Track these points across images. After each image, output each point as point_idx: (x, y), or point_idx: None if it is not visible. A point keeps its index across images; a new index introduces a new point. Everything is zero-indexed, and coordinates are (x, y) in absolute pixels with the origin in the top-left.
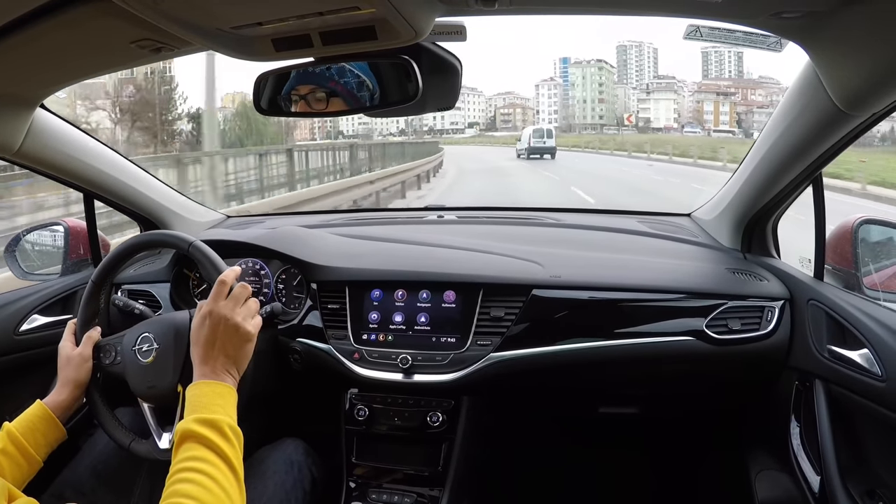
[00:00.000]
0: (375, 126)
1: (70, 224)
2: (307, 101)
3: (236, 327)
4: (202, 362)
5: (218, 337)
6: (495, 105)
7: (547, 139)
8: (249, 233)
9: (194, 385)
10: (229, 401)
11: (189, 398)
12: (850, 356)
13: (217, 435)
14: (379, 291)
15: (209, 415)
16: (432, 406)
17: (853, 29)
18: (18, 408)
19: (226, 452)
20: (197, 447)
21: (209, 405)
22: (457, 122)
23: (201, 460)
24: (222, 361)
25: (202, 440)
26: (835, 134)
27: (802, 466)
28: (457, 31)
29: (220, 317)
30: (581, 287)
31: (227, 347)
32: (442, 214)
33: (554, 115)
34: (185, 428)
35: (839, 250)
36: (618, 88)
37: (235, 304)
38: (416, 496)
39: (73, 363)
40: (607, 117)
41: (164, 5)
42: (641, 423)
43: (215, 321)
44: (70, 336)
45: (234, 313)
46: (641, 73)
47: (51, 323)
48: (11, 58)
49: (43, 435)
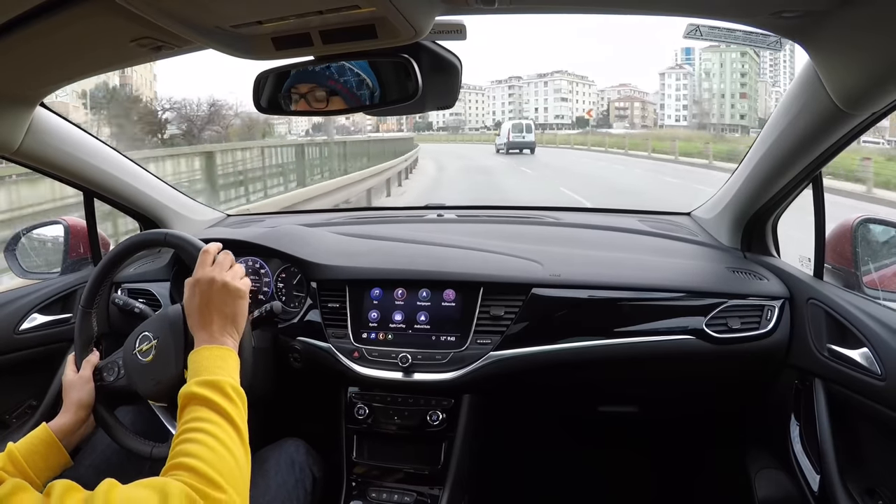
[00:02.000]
0: (467, 118)
1: (70, 222)
2: (307, 99)
3: (225, 285)
4: (200, 328)
5: (210, 299)
6: (608, 98)
7: (526, 134)
8: (249, 231)
9: (195, 351)
10: (230, 363)
11: (191, 364)
12: (849, 355)
13: (219, 395)
14: (379, 290)
15: (210, 376)
16: (432, 405)
17: (853, 28)
18: (18, 406)
19: (229, 412)
20: (199, 409)
21: (210, 367)
22: (562, 116)
23: (204, 420)
24: (219, 323)
25: (204, 401)
26: (834, 133)
27: (802, 465)
28: (457, 29)
29: (208, 280)
30: (581, 286)
31: (221, 308)
32: (442, 213)
33: (682, 112)
34: (187, 391)
35: (839, 249)
36: (759, 84)
37: (221, 268)
38: (416, 495)
39: (75, 387)
40: (749, 117)
41: (165, 3)
42: (641, 422)
43: (204, 286)
44: (71, 366)
45: (221, 275)
46: (776, 69)
47: (51, 322)
48: (11, 56)
49: (44, 458)
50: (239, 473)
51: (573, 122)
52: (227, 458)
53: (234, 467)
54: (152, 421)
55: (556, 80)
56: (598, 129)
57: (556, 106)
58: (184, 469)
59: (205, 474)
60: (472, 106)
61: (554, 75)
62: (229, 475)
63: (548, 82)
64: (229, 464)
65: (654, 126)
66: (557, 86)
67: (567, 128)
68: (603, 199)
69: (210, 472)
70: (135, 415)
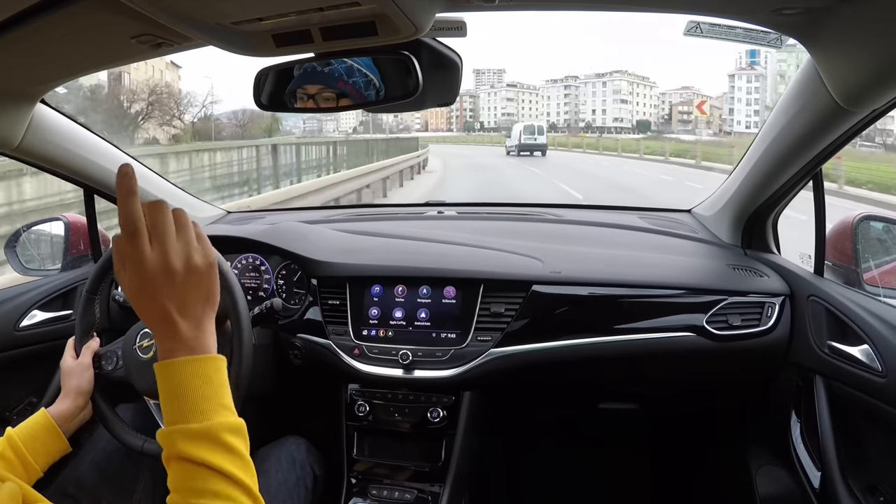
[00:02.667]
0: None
1: (70, 219)
2: (315, 100)
3: (189, 263)
4: (164, 334)
5: (184, 265)
6: (670, 101)
7: (538, 136)
8: (249, 228)
9: (165, 367)
10: (219, 381)
11: (165, 392)
12: (850, 352)
13: (212, 449)
14: (379, 287)
15: (197, 423)
16: (433, 402)
17: (853, 25)
18: (18, 403)
19: (229, 471)
20: (193, 472)
21: (193, 399)
22: (621, 119)
23: (204, 493)
24: (197, 300)
25: (197, 463)
26: (835, 130)
27: (803, 462)
28: (457, 26)
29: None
30: (581, 283)
31: (197, 280)
32: (442, 210)
33: (754, 119)
34: (171, 447)
35: (839, 246)
36: None
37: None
38: (416, 492)
39: (74, 373)
40: None
41: (165, 0)
42: (642, 420)
43: (156, 271)
44: (70, 351)
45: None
46: None
47: (51, 319)
48: (12, 53)
49: (43, 444)
50: None
51: (633, 126)
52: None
53: None
54: (150, 417)
55: (616, 81)
56: (664, 135)
57: (615, 108)
58: None
59: None
60: (526, 106)
61: (613, 75)
62: None
63: (606, 83)
64: None
65: (720, 132)
66: (617, 86)
67: (627, 132)
68: None
69: None
70: (135, 410)
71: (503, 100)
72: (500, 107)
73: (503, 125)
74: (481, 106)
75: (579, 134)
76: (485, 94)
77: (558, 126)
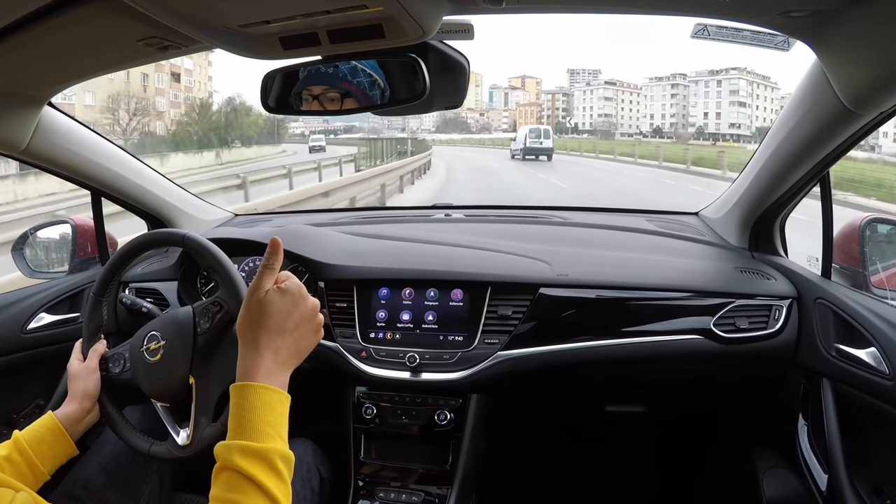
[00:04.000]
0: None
1: (78, 222)
2: (320, 101)
3: (315, 307)
4: (267, 349)
5: (298, 324)
6: None
7: (544, 139)
8: (257, 231)
9: (244, 386)
10: (280, 412)
11: (237, 403)
12: (857, 355)
13: (266, 470)
14: (386, 290)
15: (257, 443)
16: (440, 404)
17: (861, 28)
18: (25, 405)
19: (273, 493)
20: (240, 484)
21: (257, 423)
22: (738, 125)
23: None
24: (291, 351)
25: (247, 477)
26: (842, 133)
27: (810, 465)
28: (464, 29)
29: (300, 292)
30: (588, 286)
31: (303, 334)
32: (449, 213)
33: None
34: (227, 457)
35: (846, 249)
36: None
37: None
38: (423, 494)
39: (80, 376)
40: None
41: (172, 3)
42: (648, 422)
43: (298, 295)
44: (77, 354)
45: (313, 302)
46: None
47: (58, 321)
48: (19, 56)
49: (50, 447)
50: None
51: (753, 133)
52: None
53: None
54: (158, 420)
55: (733, 80)
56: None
57: (730, 112)
58: None
59: None
60: (626, 107)
61: (730, 72)
62: None
63: (721, 81)
64: None
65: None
66: (734, 86)
67: (746, 140)
68: None
69: None
70: (142, 413)
71: (600, 99)
72: (596, 107)
73: (600, 127)
74: (576, 105)
75: (689, 141)
76: (579, 93)
77: (664, 131)
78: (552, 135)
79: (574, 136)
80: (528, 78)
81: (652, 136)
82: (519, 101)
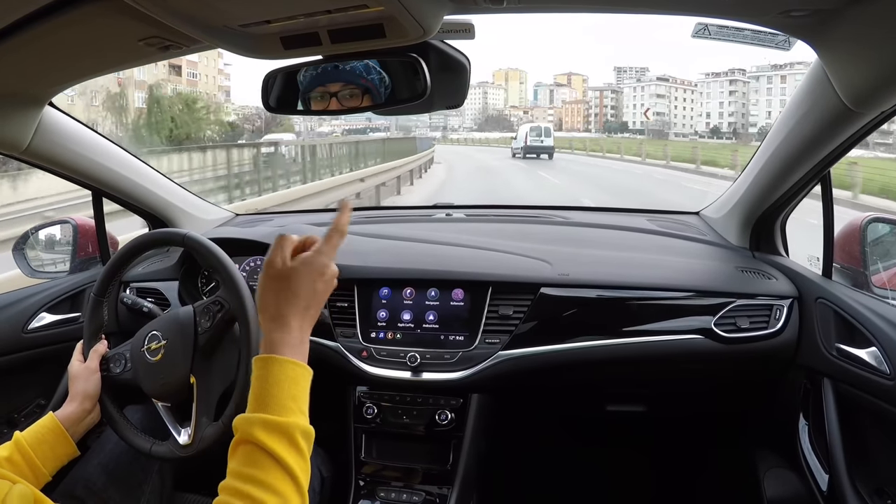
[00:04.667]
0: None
1: (79, 221)
2: (338, 98)
3: (332, 275)
4: (294, 316)
5: (315, 287)
6: None
7: (545, 138)
8: (258, 231)
9: (267, 358)
10: (303, 386)
11: (260, 375)
12: (858, 354)
13: (287, 445)
14: (387, 289)
15: (279, 416)
16: (441, 404)
17: (862, 27)
18: (26, 405)
19: (293, 470)
20: (260, 459)
21: (281, 397)
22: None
23: (263, 485)
24: (307, 319)
25: (267, 451)
26: (843, 132)
27: (811, 465)
28: (465, 28)
29: (321, 265)
30: (589, 285)
31: (322, 299)
32: (450, 212)
33: None
34: (248, 430)
35: (847, 249)
36: None
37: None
38: (424, 494)
39: (81, 377)
40: None
41: (173, 3)
42: (650, 423)
43: (320, 266)
44: (78, 355)
45: (330, 260)
46: None
47: (59, 321)
48: (20, 56)
49: (51, 448)
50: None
51: None
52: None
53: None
54: (160, 419)
55: (798, 75)
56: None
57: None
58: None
59: None
60: (680, 105)
61: (795, 66)
62: None
63: (786, 77)
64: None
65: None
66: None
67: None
68: None
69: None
70: (143, 413)
71: (651, 96)
72: (648, 105)
73: (653, 127)
74: (625, 104)
75: (751, 142)
76: (629, 90)
77: (722, 131)
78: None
79: (625, 135)
80: (575, 75)
81: (709, 137)
82: (565, 98)
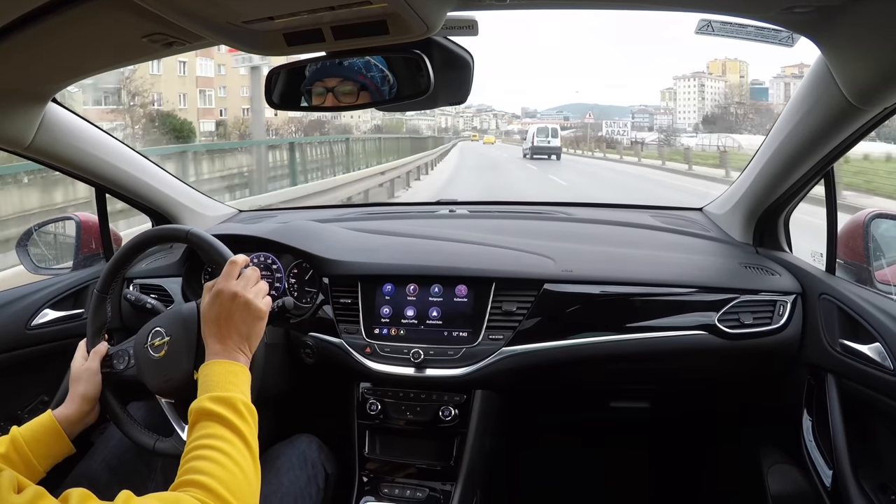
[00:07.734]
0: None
1: (82, 218)
2: (334, 93)
3: (248, 304)
4: (215, 340)
5: (231, 314)
6: None
7: (552, 139)
8: (261, 227)
9: (207, 364)
10: (242, 379)
11: (202, 378)
12: (862, 350)
13: (231, 412)
14: (391, 286)
15: (223, 392)
16: (444, 400)
17: (865, 24)
18: (30, 401)
19: (241, 429)
20: (211, 425)
21: (222, 383)
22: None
23: (216, 437)
24: (235, 339)
25: (216, 417)
26: (846, 129)
27: (815, 460)
28: (468, 25)
29: (231, 293)
30: (592, 281)
31: (239, 325)
32: (453, 209)
33: None
34: (199, 406)
35: (851, 245)
36: None
37: (247, 283)
38: (428, 490)
39: (81, 379)
40: None
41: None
42: (653, 420)
43: (227, 298)
44: (80, 355)
45: (245, 290)
46: None
47: (62, 317)
48: (23, 53)
49: (47, 446)
50: (249, 491)
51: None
52: (237, 476)
53: (245, 485)
54: (163, 416)
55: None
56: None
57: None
58: (195, 486)
59: (215, 492)
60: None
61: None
62: (240, 493)
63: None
64: (240, 482)
65: None
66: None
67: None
68: None
69: (221, 489)
70: (146, 409)
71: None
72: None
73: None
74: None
75: None
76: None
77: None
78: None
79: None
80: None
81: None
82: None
